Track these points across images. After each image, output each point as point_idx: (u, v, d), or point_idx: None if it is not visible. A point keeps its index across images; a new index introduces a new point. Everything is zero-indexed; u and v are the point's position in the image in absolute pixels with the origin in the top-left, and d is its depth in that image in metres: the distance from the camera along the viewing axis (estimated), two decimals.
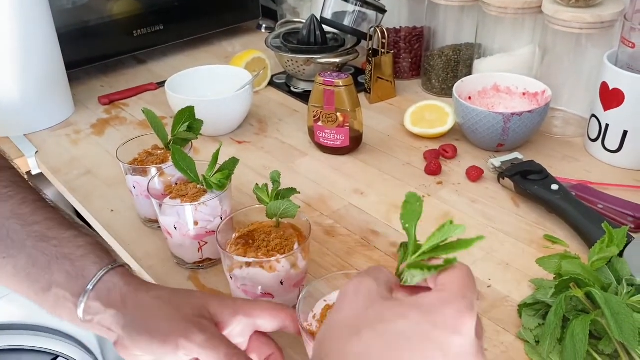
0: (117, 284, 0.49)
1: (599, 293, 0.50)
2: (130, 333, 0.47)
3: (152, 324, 0.47)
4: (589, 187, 0.75)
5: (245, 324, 0.49)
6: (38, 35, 0.92)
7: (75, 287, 0.49)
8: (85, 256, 0.50)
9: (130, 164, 0.71)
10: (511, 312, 0.59)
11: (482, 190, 0.78)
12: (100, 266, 0.50)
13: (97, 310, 0.48)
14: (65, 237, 0.51)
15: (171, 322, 0.47)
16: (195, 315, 0.48)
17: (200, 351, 0.45)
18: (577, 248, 0.66)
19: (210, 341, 0.46)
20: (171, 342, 0.46)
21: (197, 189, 0.63)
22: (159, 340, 0.46)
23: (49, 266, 0.50)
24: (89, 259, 0.50)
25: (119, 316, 0.48)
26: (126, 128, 0.98)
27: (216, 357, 0.45)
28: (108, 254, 0.52)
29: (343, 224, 0.73)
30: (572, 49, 0.87)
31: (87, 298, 0.49)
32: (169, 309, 0.48)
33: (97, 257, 0.51)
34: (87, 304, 0.49)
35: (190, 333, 0.46)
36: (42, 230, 0.51)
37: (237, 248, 0.56)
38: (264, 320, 0.49)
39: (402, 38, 1.07)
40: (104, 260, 0.51)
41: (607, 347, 0.52)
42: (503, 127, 0.81)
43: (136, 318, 0.48)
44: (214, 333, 0.46)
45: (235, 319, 0.48)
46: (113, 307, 0.48)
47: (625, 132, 0.78)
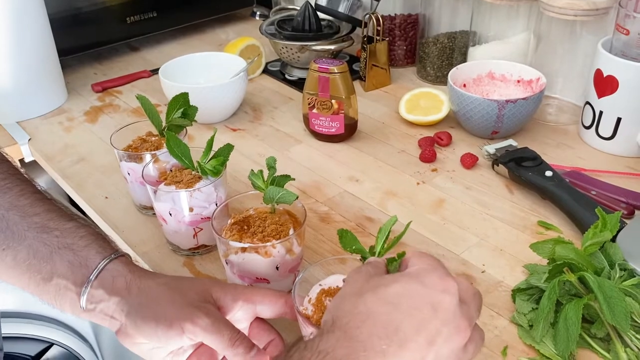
0: (121, 271, 0.50)
1: (592, 277, 0.51)
2: (135, 319, 0.47)
3: (157, 309, 0.47)
4: (582, 173, 0.75)
5: (246, 309, 0.50)
6: (30, 22, 0.91)
7: (78, 276, 0.49)
8: (88, 246, 0.50)
9: (125, 150, 0.70)
10: (505, 297, 0.59)
11: (477, 177, 0.78)
12: (104, 255, 0.50)
13: (100, 298, 0.48)
14: (67, 228, 0.51)
15: (176, 306, 0.47)
16: (200, 300, 0.48)
17: (206, 335, 0.46)
18: (570, 234, 0.67)
19: (215, 325, 0.46)
20: (177, 326, 0.46)
21: (192, 175, 0.63)
22: (165, 325, 0.46)
23: (51, 257, 0.50)
24: (92, 249, 0.50)
25: (122, 303, 0.48)
26: (120, 115, 0.98)
27: (221, 341, 0.46)
28: (110, 244, 0.52)
29: (338, 210, 0.73)
30: (567, 36, 0.87)
31: (90, 287, 0.49)
32: (174, 294, 0.48)
33: (100, 247, 0.51)
34: (90, 293, 0.49)
35: (196, 317, 0.46)
36: (43, 221, 0.51)
37: (232, 234, 0.56)
38: (263, 306, 0.50)
39: (397, 25, 1.07)
40: (107, 250, 0.51)
41: (599, 330, 0.52)
42: (497, 115, 0.81)
43: (141, 304, 0.48)
44: (219, 317, 0.47)
45: (237, 304, 0.49)
46: (117, 294, 0.48)
47: (619, 119, 0.78)
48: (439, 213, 0.72)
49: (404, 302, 0.40)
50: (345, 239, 0.49)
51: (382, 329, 0.39)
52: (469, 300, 0.42)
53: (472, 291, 0.43)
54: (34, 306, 0.92)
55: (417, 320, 0.39)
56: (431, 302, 0.40)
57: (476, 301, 0.43)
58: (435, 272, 0.42)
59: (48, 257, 0.50)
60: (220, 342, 0.45)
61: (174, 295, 0.48)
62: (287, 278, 0.57)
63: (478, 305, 0.43)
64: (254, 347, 0.46)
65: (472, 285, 0.44)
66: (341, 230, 0.50)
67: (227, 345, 0.45)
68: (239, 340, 0.46)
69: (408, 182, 0.78)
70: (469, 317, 0.41)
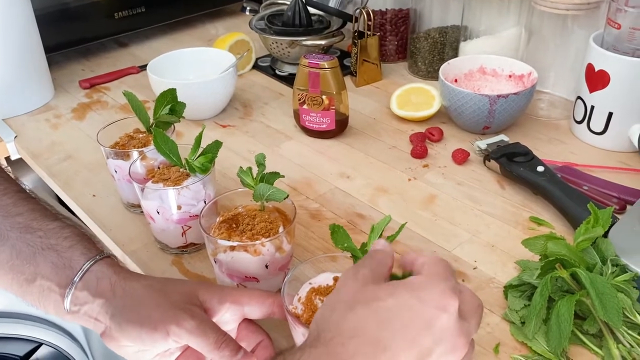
0: (105, 273, 0.48)
1: (584, 273, 0.50)
2: (119, 322, 0.46)
3: (141, 311, 0.46)
4: (574, 169, 0.75)
5: (234, 311, 0.49)
6: (15, 18, 0.89)
7: (62, 278, 0.48)
8: (72, 247, 0.49)
9: (112, 147, 0.69)
10: (497, 293, 0.59)
11: (468, 173, 0.78)
12: (88, 257, 0.49)
13: (84, 300, 0.47)
14: (51, 229, 0.50)
15: (161, 309, 0.46)
16: (185, 302, 0.47)
17: (191, 337, 0.45)
18: (562, 229, 0.66)
19: (201, 327, 0.45)
20: (161, 329, 0.45)
21: (180, 172, 0.62)
22: (149, 327, 0.45)
23: (34, 257, 0.49)
24: (77, 250, 0.49)
25: (107, 305, 0.47)
26: (108, 112, 0.97)
27: (206, 344, 0.45)
28: (95, 245, 0.51)
29: (329, 207, 0.72)
30: (558, 30, 0.86)
31: (74, 288, 0.48)
32: (159, 296, 0.47)
33: (84, 248, 0.50)
34: (74, 295, 0.48)
35: (181, 319, 0.45)
36: (27, 221, 0.50)
37: (221, 232, 0.55)
38: (251, 307, 0.49)
39: (388, 20, 1.06)
40: (92, 251, 0.50)
41: (591, 327, 0.52)
42: (489, 110, 0.80)
43: (125, 306, 0.47)
44: (204, 319, 0.46)
45: (224, 306, 0.48)
46: (101, 296, 0.47)
47: (611, 114, 0.78)
48: (430, 209, 0.71)
49: (397, 318, 0.37)
50: (337, 235, 0.48)
51: (369, 348, 0.37)
52: (470, 314, 0.39)
53: (475, 303, 0.40)
54: (22, 306, 0.90)
55: (409, 339, 0.37)
56: (426, 319, 0.37)
57: (477, 315, 0.40)
58: (438, 285, 0.39)
59: (31, 258, 0.48)
60: (206, 344, 0.45)
61: (158, 298, 0.47)
62: (277, 276, 0.57)
63: (478, 320, 0.40)
64: (240, 350, 0.45)
65: (476, 297, 0.41)
66: (333, 226, 0.49)
67: (212, 348, 0.45)
68: (225, 343, 0.45)
69: (399, 178, 0.77)
70: (467, 334, 0.39)
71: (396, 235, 0.47)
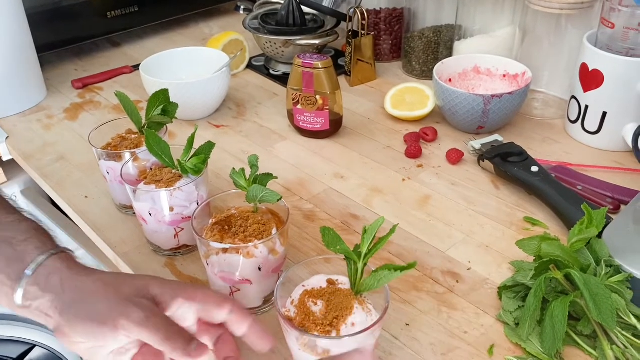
0: (58, 268, 0.47)
1: (578, 274, 0.50)
2: (68, 318, 0.45)
3: (89, 306, 0.45)
4: (568, 168, 0.75)
5: (187, 308, 0.47)
6: (6, 17, 0.88)
7: (14, 271, 0.47)
8: (27, 240, 0.48)
9: (104, 148, 0.69)
10: (491, 294, 0.59)
11: (462, 173, 0.77)
12: (42, 251, 0.48)
13: (35, 295, 0.46)
14: (8, 222, 0.49)
15: (110, 302, 0.45)
16: (135, 295, 0.46)
17: (141, 330, 0.43)
18: (556, 230, 0.66)
19: (151, 319, 0.44)
20: (110, 322, 0.44)
21: (173, 174, 0.62)
22: (98, 322, 0.44)
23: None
24: (31, 244, 0.48)
25: (57, 300, 0.46)
26: (100, 112, 0.96)
27: (156, 336, 0.43)
28: (51, 240, 0.50)
29: (323, 208, 0.72)
30: (552, 30, 0.86)
31: (25, 283, 0.46)
32: (108, 290, 0.46)
33: (39, 242, 0.49)
34: (26, 289, 0.46)
35: (130, 312, 0.44)
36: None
37: (213, 234, 0.55)
38: (207, 308, 0.47)
39: (382, 19, 1.06)
40: (47, 245, 0.49)
41: (585, 328, 0.52)
42: (483, 109, 0.80)
43: (75, 301, 0.45)
44: (154, 311, 0.45)
45: (176, 302, 0.46)
46: (51, 291, 0.46)
47: (605, 114, 0.78)
48: (424, 209, 0.71)
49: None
50: (327, 237, 0.48)
51: None
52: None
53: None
54: None
55: None
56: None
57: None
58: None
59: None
60: (156, 336, 0.43)
61: (107, 291, 0.46)
62: (271, 278, 0.56)
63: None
64: (193, 341, 0.44)
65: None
66: (324, 228, 0.49)
67: (163, 340, 0.43)
68: (176, 334, 0.43)
69: (394, 178, 0.77)
70: None
71: (388, 237, 0.47)
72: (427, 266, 0.62)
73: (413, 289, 0.60)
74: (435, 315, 0.56)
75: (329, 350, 0.45)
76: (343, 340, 0.44)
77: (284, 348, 0.53)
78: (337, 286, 0.49)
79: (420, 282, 0.60)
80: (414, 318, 0.56)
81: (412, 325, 0.55)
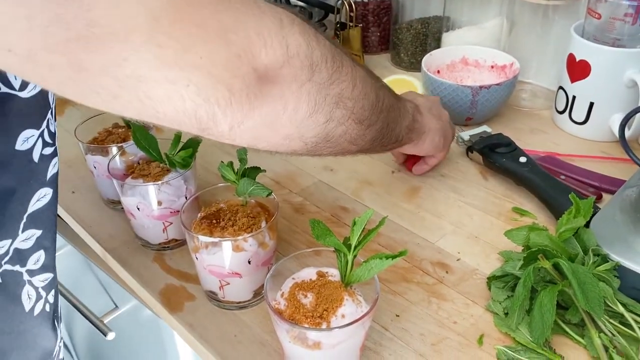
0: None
1: (566, 264, 0.51)
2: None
3: None
4: (556, 159, 0.75)
5: None
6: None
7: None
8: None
9: (90, 143, 0.68)
10: (480, 284, 0.59)
11: (451, 164, 0.78)
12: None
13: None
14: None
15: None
16: None
17: None
18: (544, 219, 0.67)
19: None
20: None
21: (160, 168, 0.61)
22: None
23: None
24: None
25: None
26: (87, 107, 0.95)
27: None
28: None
29: (312, 201, 0.72)
30: (540, 20, 0.86)
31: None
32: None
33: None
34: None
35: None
36: None
37: (202, 228, 0.55)
38: None
39: (370, 11, 1.06)
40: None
41: (573, 316, 0.52)
42: (471, 101, 0.80)
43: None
44: None
45: None
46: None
47: (592, 104, 0.78)
48: (413, 201, 0.71)
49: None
50: (316, 230, 0.48)
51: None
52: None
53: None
54: None
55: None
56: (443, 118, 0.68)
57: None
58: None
59: None
60: None
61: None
62: (260, 272, 0.56)
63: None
64: None
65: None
66: (313, 221, 0.49)
67: None
68: None
69: (383, 170, 0.77)
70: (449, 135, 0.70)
71: (377, 229, 0.47)
72: (417, 257, 0.62)
73: (403, 280, 0.60)
74: (425, 306, 0.57)
75: (319, 342, 0.45)
76: (333, 332, 0.44)
77: (275, 340, 0.53)
78: (327, 278, 0.49)
79: (409, 273, 0.60)
80: (403, 309, 0.56)
81: (402, 316, 0.56)
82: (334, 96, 0.41)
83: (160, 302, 0.58)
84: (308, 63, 0.38)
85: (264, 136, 0.39)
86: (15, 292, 0.46)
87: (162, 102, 0.32)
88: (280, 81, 0.36)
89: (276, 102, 0.37)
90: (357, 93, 0.44)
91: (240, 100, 0.34)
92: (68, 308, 0.89)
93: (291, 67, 0.36)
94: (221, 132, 0.36)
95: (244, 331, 0.55)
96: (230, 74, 0.33)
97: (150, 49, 0.30)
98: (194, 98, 0.33)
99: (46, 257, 0.49)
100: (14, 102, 0.40)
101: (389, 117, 0.53)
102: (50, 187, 0.47)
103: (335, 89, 0.41)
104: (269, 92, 0.36)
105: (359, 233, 0.47)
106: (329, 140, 0.44)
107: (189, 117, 0.34)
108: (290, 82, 0.37)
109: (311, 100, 0.39)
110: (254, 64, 0.34)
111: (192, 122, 0.34)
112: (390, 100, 0.53)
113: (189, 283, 0.60)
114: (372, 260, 0.46)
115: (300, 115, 0.39)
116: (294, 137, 0.41)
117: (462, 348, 0.52)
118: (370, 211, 0.48)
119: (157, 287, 0.60)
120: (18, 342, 0.48)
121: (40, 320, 0.50)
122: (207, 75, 0.32)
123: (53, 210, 0.49)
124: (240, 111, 0.35)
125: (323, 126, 0.42)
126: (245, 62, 0.34)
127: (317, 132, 0.42)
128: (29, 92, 0.41)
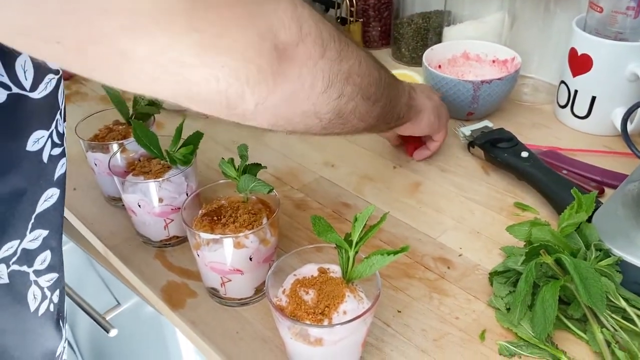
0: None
1: (568, 259, 0.50)
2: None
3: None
4: (558, 153, 0.75)
5: None
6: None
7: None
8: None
9: (91, 140, 0.68)
10: (482, 280, 0.59)
11: (453, 160, 0.77)
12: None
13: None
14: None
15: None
16: None
17: None
18: (546, 214, 0.66)
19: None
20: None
21: (161, 165, 0.61)
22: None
23: None
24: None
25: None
26: (88, 104, 0.95)
27: None
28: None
29: (314, 197, 0.72)
30: (541, 14, 0.86)
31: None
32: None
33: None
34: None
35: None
36: None
37: (203, 225, 0.55)
38: None
39: (370, 6, 1.05)
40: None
41: (576, 311, 0.52)
42: (473, 95, 0.80)
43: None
44: None
45: None
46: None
47: (594, 98, 0.78)
48: (415, 197, 0.71)
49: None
50: (318, 226, 0.48)
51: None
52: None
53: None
54: None
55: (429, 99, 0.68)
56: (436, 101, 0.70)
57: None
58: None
59: None
60: None
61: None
62: (262, 268, 0.56)
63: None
64: None
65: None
66: (314, 217, 0.48)
67: None
68: None
69: (384, 165, 0.77)
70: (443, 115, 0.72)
71: (379, 225, 0.47)
72: (418, 253, 0.62)
73: (404, 276, 0.60)
74: (427, 302, 0.57)
75: (321, 338, 0.45)
76: (335, 329, 0.44)
77: (276, 337, 0.53)
78: (329, 275, 0.49)
79: (411, 269, 0.60)
80: (405, 305, 0.56)
81: (404, 312, 0.56)
82: (344, 72, 0.44)
83: (162, 299, 0.58)
84: (320, 41, 0.40)
85: (283, 113, 0.41)
86: (22, 292, 0.47)
87: (198, 83, 0.34)
88: (297, 58, 0.38)
89: (295, 79, 0.39)
90: (364, 70, 0.47)
91: (266, 78, 0.36)
92: (70, 305, 0.89)
93: (306, 45, 0.39)
94: (246, 110, 0.38)
95: (245, 328, 0.55)
96: (258, 54, 0.35)
97: (191, 35, 0.31)
98: (227, 78, 0.34)
99: (52, 257, 0.49)
100: (26, 103, 0.41)
101: (391, 94, 0.55)
102: (57, 187, 0.48)
103: (344, 65, 0.44)
104: (288, 69, 0.38)
105: (361, 229, 0.47)
106: (340, 116, 0.46)
107: (221, 96, 0.35)
108: (307, 59, 0.39)
109: (325, 76, 0.42)
110: (276, 43, 0.36)
111: (222, 101, 0.36)
112: (390, 78, 0.55)
113: (190, 280, 0.60)
114: (373, 257, 0.46)
115: (316, 90, 0.42)
116: (310, 113, 0.43)
117: (464, 344, 0.52)
118: (372, 207, 0.48)
119: (159, 284, 0.60)
120: (22, 341, 0.48)
121: (44, 320, 0.50)
122: (240, 57, 0.34)
123: (60, 210, 0.49)
124: (266, 88, 0.37)
125: (336, 102, 0.44)
126: (269, 42, 0.35)
127: (331, 108, 0.44)
128: (39, 93, 0.42)
